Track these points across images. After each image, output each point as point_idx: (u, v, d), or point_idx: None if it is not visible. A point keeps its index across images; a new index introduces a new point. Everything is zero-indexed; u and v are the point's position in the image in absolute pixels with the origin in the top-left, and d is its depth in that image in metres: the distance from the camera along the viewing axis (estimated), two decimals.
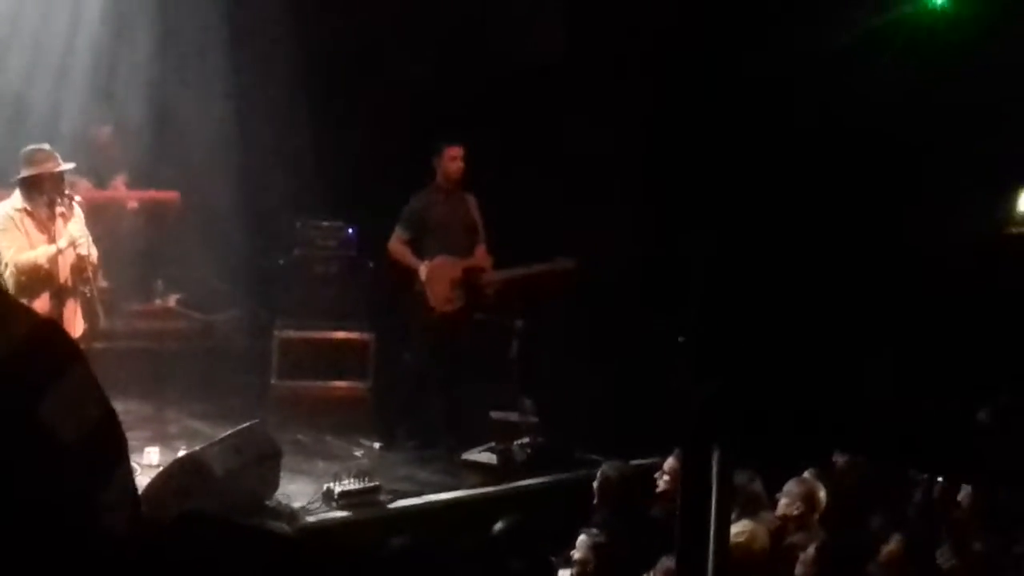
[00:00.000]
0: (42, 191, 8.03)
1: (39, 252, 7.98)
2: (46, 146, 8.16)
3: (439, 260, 9.88)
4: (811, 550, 6.57)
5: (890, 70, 10.63)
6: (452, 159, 9.93)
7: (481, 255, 10.04)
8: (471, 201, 10.12)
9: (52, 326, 1.64)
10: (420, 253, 9.94)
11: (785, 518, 7.26)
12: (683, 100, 11.43)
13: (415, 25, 11.77)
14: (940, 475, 7.17)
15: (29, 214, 8.02)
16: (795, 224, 10.91)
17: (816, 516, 7.28)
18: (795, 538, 7.11)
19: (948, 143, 10.51)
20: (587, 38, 11.97)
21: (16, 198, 8.03)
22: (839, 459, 7.92)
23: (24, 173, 8.00)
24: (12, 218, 8.03)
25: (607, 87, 11.59)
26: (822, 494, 7.34)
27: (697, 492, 3.39)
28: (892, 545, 6.71)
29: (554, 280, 10.05)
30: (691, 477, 3.44)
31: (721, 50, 11.27)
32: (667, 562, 6.33)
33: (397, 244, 10.01)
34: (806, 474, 7.57)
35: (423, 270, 9.84)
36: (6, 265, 7.96)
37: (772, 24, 11.02)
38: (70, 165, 8.35)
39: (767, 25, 11.08)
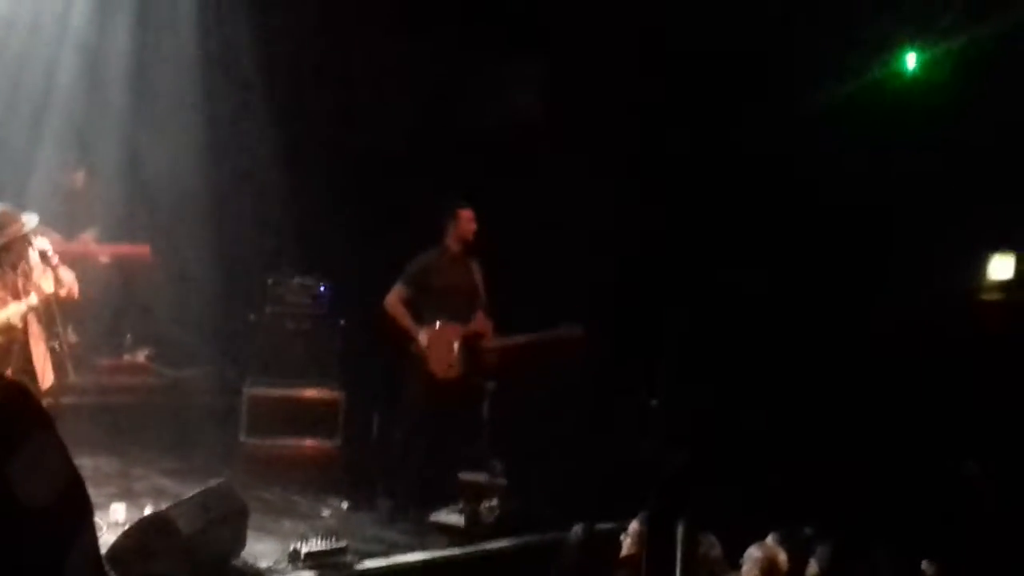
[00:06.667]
0: (9, 254, 7.95)
1: (10, 311, 7.88)
2: (7, 206, 8.06)
3: (440, 326, 9.79)
4: None
5: (859, 136, 10.72)
6: (468, 220, 9.86)
7: (480, 321, 9.96)
8: (475, 266, 10.04)
9: (20, 390, 1.64)
10: (418, 313, 9.83)
11: None
12: (654, 171, 11.48)
13: (391, 85, 11.82)
14: (905, 550, 7.18)
15: None
16: (762, 296, 10.96)
17: None
18: None
19: (919, 210, 10.59)
20: (565, 100, 12.02)
21: None
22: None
23: None
24: None
25: (585, 146, 11.61)
26: (783, 558, 7.32)
27: (662, 560, 3.40)
28: None
29: (561, 347, 9.98)
30: (656, 545, 3.46)
31: (697, 118, 11.33)
32: None
33: (396, 302, 9.84)
34: (769, 539, 7.55)
35: (424, 337, 9.75)
36: None
37: (744, 94, 11.10)
38: (34, 220, 8.20)
39: (739, 95, 11.15)
